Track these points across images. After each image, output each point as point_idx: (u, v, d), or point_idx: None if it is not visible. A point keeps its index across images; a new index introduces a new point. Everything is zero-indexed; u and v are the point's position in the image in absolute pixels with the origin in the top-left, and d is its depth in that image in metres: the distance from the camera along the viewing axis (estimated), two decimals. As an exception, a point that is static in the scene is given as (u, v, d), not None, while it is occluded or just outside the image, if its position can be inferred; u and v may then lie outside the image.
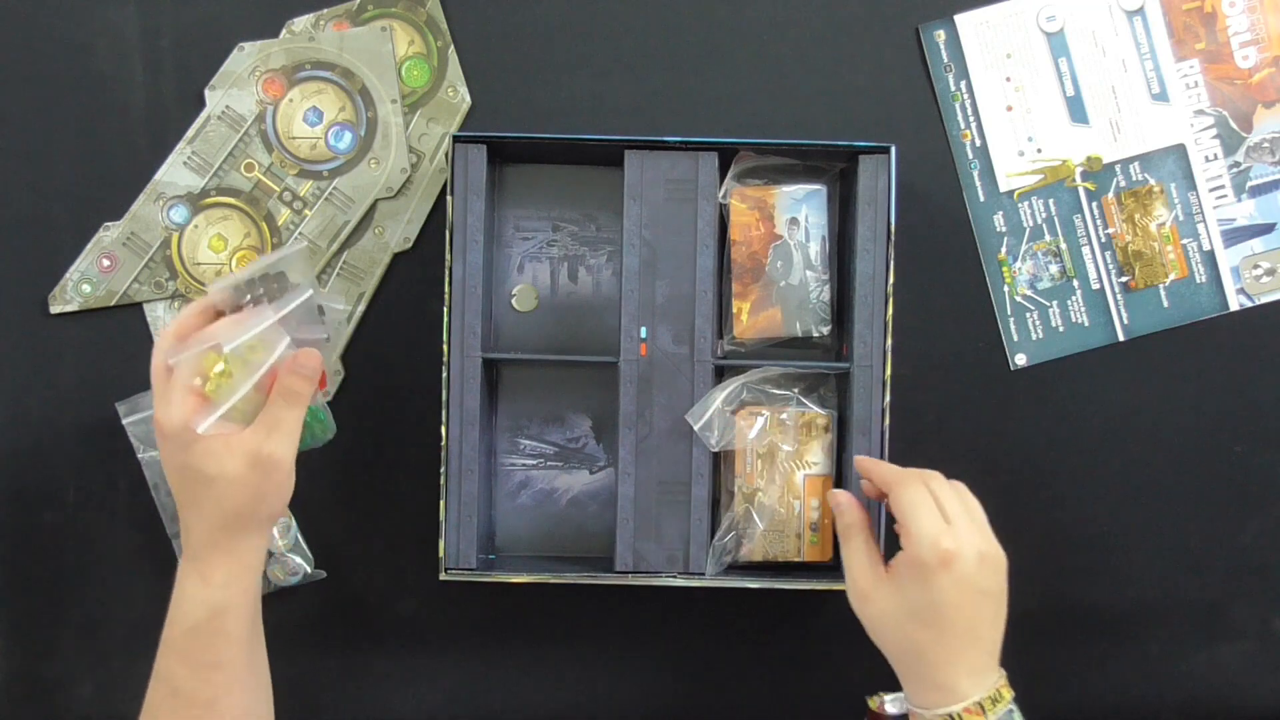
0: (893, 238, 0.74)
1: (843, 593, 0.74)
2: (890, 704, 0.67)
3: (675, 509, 0.76)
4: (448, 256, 0.75)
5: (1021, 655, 0.81)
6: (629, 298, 0.75)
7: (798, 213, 0.76)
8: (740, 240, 0.76)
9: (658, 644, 0.82)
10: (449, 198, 0.75)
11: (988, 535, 0.64)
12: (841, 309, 0.79)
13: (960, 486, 0.66)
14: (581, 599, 0.81)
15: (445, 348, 0.75)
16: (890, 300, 0.74)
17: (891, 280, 0.74)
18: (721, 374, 0.78)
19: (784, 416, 0.77)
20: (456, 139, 0.75)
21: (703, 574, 0.76)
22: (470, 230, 0.75)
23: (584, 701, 0.83)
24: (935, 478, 0.66)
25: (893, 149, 0.74)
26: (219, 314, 0.66)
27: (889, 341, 0.74)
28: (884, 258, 0.74)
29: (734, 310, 0.77)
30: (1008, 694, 0.63)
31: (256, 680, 0.68)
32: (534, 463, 0.81)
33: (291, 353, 0.65)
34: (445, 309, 0.75)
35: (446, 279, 0.75)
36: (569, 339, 0.81)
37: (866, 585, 0.65)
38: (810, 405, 0.78)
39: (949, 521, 0.63)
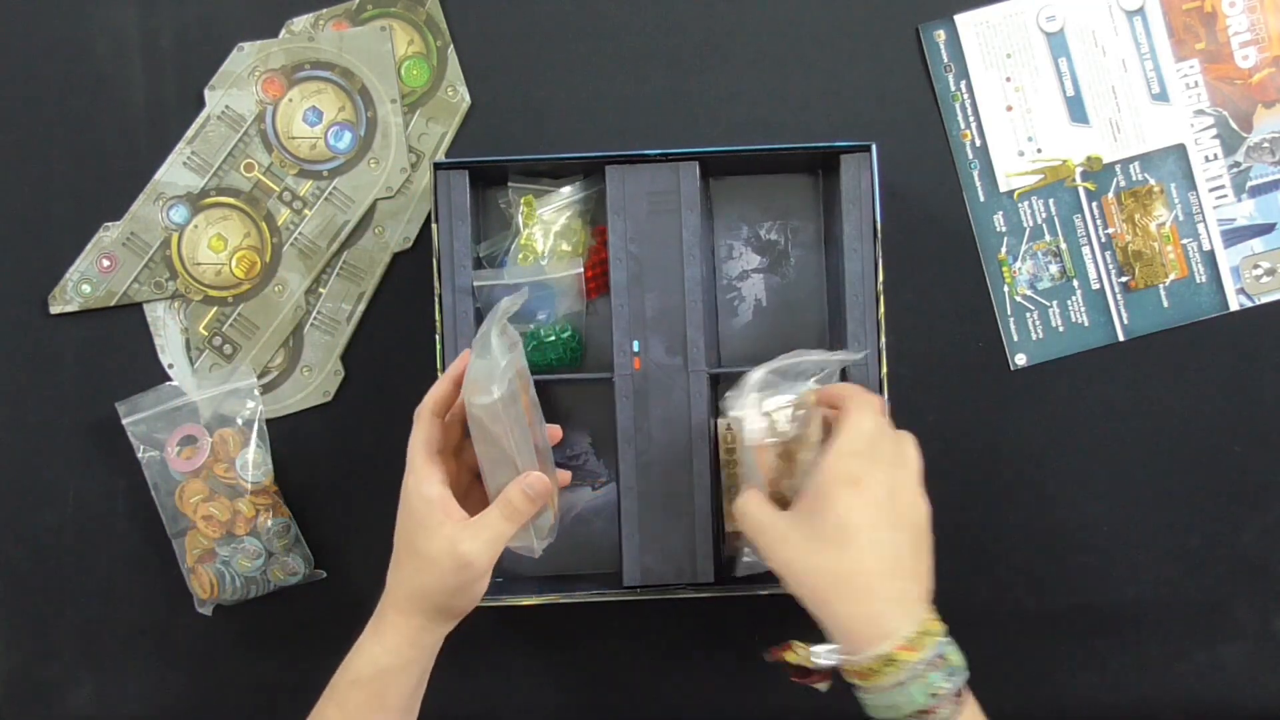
0: (879, 236, 0.74)
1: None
2: (822, 656, 0.60)
3: (680, 521, 0.75)
4: (436, 284, 0.75)
5: (1022, 655, 0.81)
6: (619, 312, 0.75)
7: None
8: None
9: (668, 655, 0.82)
10: (433, 225, 0.75)
11: (912, 478, 0.62)
12: (833, 310, 0.79)
13: (907, 437, 0.63)
14: (590, 613, 0.80)
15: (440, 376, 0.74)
16: (881, 298, 0.74)
17: (881, 279, 0.74)
18: (716, 382, 0.78)
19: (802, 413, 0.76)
20: (438, 166, 0.75)
21: (711, 584, 0.75)
22: (457, 256, 0.75)
23: (590, 711, 0.83)
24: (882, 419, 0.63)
25: (873, 147, 0.74)
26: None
27: (883, 340, 0.74)
28: (872, 256, 0.74)
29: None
30: (938, 627, 0.59)
31: None
32: None
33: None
34: (438, 337, 0.74)
35: (437, 307, 0.75)
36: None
37: (768, 519, 0.62)
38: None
39: (872, 455, 0.60)
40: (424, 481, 0.64)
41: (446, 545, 0.63)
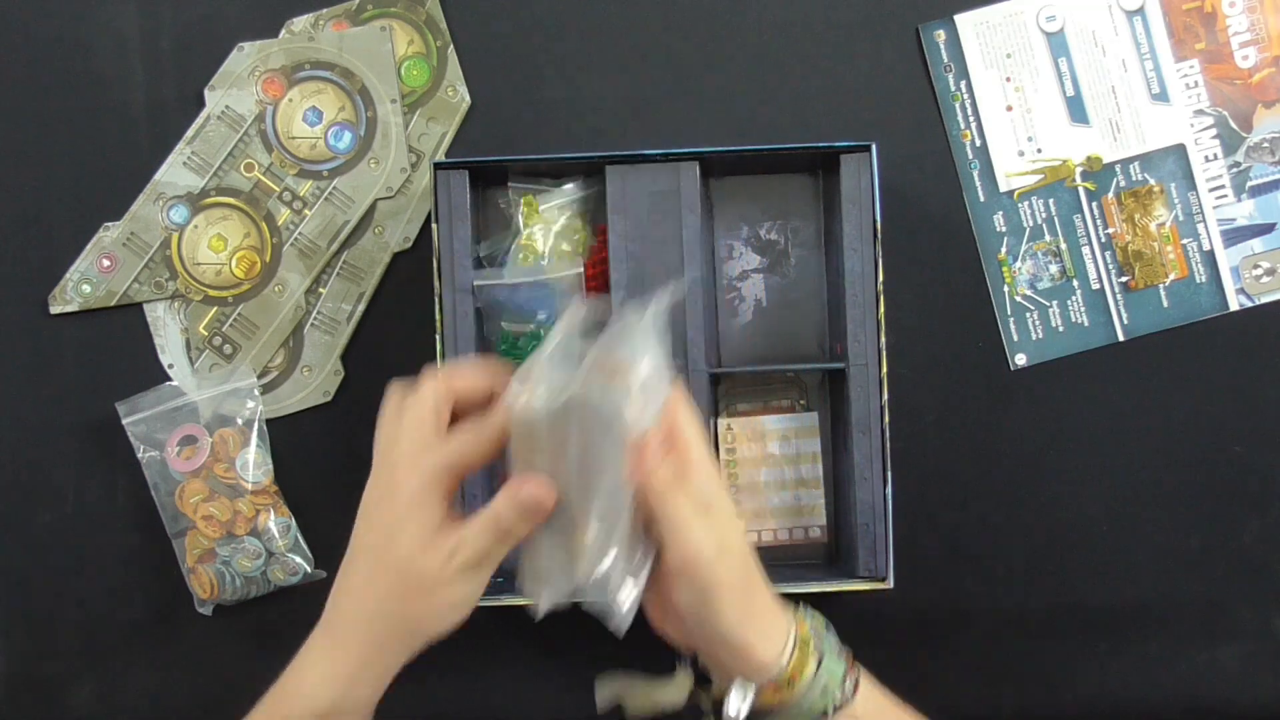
0: (879, 236, 0.74)
1: (845, 594, 0.74)
2: (734, 698, 0.54)
3: None
4: (436, 284, 0.74)
5: (1022, 655, 0.81)
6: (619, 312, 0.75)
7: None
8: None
9: (667, 655, 0.82)
10: (433, 225, 0.75)
11: (725, 491, 0.55)
12: (834, 310, 0.79)
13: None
14: (590, 613, 0.80)
15: None
16: (881, 298, 0.74)
17: (881, 278, 0.74)
18: (717, 382, 0.78)
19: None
20: (438, 166, 0.75)
21: None
22: (457, 256, 0.75)
23: (590, 711, 0.83)
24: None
25: (873, 147, 0.74)
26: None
27: (883, 339, 0.74)
28: (872, 256, 0.74)
29: None
30: (804, 620, 0.56)
31: None
32: None
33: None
34: (438, 337, 0.74)
35: (437, 307, 0.74)
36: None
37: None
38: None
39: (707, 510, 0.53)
40: (422, 452, 0.53)
41: (408, 543, 0.52)
